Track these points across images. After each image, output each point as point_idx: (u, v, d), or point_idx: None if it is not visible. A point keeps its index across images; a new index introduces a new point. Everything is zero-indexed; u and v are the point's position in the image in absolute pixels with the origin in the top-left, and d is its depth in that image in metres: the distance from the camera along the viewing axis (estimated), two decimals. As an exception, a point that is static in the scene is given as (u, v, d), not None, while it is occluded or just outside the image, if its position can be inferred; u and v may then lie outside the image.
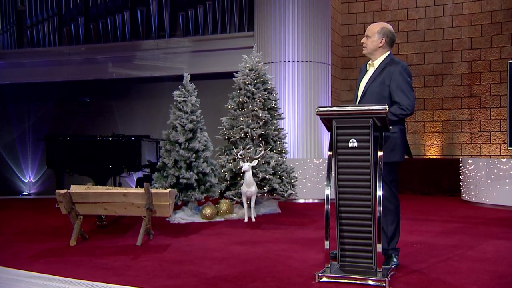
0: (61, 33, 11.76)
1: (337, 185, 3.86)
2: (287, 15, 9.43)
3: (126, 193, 5.17)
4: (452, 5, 11.35)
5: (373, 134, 3.75)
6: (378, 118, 3.75)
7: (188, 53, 10.71)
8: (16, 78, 11.96)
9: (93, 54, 11.36)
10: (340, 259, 3.87)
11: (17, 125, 12.28)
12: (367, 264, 3.78)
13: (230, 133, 7.42)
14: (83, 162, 6.89)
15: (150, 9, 10.94)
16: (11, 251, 5.00)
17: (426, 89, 11.59)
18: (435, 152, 11.47)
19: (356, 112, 3.77)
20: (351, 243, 3.84)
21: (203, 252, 4.82)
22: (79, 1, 11.47)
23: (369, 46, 4.31)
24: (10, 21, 12.21)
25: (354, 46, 12.08)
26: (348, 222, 3.85)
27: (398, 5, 11.78)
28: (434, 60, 11.54)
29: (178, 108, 6.76)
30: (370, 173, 3.78)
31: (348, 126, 3.81)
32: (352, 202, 3.84)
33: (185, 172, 6.56)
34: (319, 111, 3.86)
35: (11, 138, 12.34)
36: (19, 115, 12.30)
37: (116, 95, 11.67)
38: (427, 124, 11.59)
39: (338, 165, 3.86)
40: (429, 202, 8.84)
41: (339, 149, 3.85)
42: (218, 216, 6.84)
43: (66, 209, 5.19)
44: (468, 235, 5.61)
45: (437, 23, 11.50)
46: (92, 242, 5.39)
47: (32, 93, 12.08)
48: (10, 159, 12.34)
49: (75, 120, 11.62)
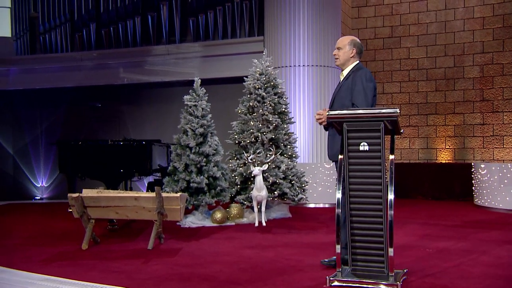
0: (73, 39, 11.86)
1: (348, 189, 3.85)
2: (297, 19, 9.44)
3: (137, 197, 5.19)
4: (464, 9, 11.29)
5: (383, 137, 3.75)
6: (389, 121, 3.74)
7: (199, 58, 10.75)
8: (28, 83, 12.07)
9: (104, 59, 11.43)
10: (351, 263, 3.85)
11: (30, 131, 12.38)
12: (378, 268, 3.76)
13: (240, 137, 7.42)
14: (94, 166, 6.93)
15: (161, 14, 11.00)
16: (24, 254, 5.03)
17: (437, 93, 11.52)
18: (447, 157, 11.39)
19: (367, 116, 3.76)
20: (363, 247, 3.82)
21: (214, 256, 4.82)
22: (91, 8, 11.57)
23: (341, 57, 4.45)
24: (23, 28, 12.34)
25: (365, 50, 11.95)
26: (359, 226, 3.83)
27: (408, 9, 11.74)
28: (445, 64, 11.47)
29: (189, 113, 6.78)
30: (381, 177, 3.76)
31: (359, 130, 3.79)
32: (363, 206, 3.82)
33: (196, 176, 6.57)
34: (330, 114, 3.85)
35: (23, 143, 12.44)
36: (32, 120, 12.40)
37: (127, 100, 11.72)
38: (439, 128, 11.52)
39: (349, 169, 3.85)
40: (441, 206, 8.77)
41: (350, 152, 3.83)
42: (229, 220, 6.84)
43: (78, 213, 5.22)
44: (481, 240, 5.55)
45: (448, 27, 11.44)
46: (104, 246, 5.41)
47: (44, 98, 12.18)
48: (23, 164, 12.44)
49: (87, 125, 11.69)
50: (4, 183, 12.34)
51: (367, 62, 12.04)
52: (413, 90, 11.72)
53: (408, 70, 11.77)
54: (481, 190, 8.42)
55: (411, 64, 11.74)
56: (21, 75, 12.17)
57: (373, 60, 12.01)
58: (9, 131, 12.55)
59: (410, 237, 5.74)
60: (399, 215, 7.56)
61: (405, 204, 9.12)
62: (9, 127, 12.55)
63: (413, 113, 11.72)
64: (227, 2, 10.59)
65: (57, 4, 11.98)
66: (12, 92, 12.28)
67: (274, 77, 7.61)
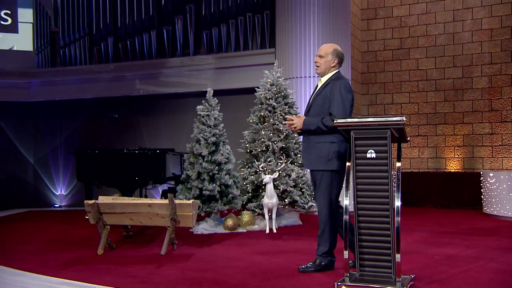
0: (91, 52, 11.98)
1: (356, 196, 3.84)
2: (307, 32, 9.45)
3: (151, 203, 5.21)
4: (472, 21, 11.24)
5: (390, 145, 3.73)
6: (396, 129, 3.73)
7: (212, 70, 10.79)
8: (49, 95, 12.19)
9: (121, 72, 11.52)
10: (359, 268, 3.84)
11: (50, 141, 12.48)
12: (386, 274, 3.74)
13: (252, 146, 7.44)
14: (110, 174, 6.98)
15: (176, 28, 11.07)
16: (41, 259, 5.08)
17: (446, 104, 11.45)
18: (456, 166, 11.29)
19: (374, 124, 3.75)
20: (370, 253, 3.81)
21: (225, 261, 4.82)
22: (108, 22, 11.69)
23: (323, 66, 4.42)
24: (44, 42, 12.50)
25: (374, 61, 12.04)
26: (367, 232, 3.81)
27: (417, 21, 11.71)
28: (454, 75, 11.40)
29: (202, 122, 6.82)
30: (388, 184, 3.75)
31: (366, 137, 3.79)
32: (370, 212, 3.80)
33: (208, 184, 6.59)
34: (337, 122, 3.85)
35: (44, 153, 12.55)
36: (52, 130, 12.51)
37: (143, 110, 11.79)
38: (448, 138, 11.43)
39: (356, 176, 3.84)
40: (450, 215, 8.68)
41: (357, 159, 3.83)
42: (240, 227, 6.84)
43: (94, 219, 5.26)
44: (489, 247, 5.48)
45: (456, 39, 11.39)
46: (119, 251, 5.44)
47: (64, 109, 12.29)
48: (43, 173, 12.55)
49: (105, 135, 11.76)
50: (25, 191, 12.44)
51: (376, 73, 12.02)
52: (422, 100, 11.66)
53: (417, 81, 11.72)
54: (490, 198, 8.33)
55: (420, 75, 11.70)
56: (42, 87, 12.31)
57: (383, 71, 11.98)
58: (30, 141, 12.67)
59: (418, 244, 5.68)
60: (408, 223, 7.51)
61: (414, 212, 9.05)
62: (30, 137, 12.67)
63: (422, 123, 11.65)
64: (239, 15, 10.64)
65: (76, 19, 12.12)
66: (33, 103, 12.43)
67: (284, 87, 7.64)
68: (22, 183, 12.51)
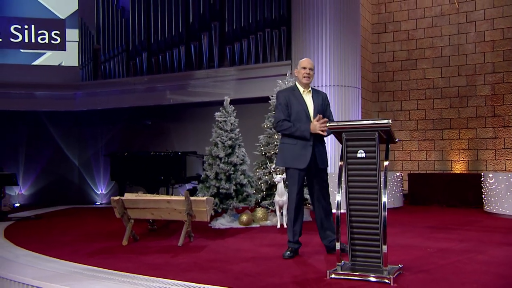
0: (128, 66, 12.24)
1: (348, 192, 3.84)
2: (319, 45, 9.45)
3: (169, 200, 5.30)
4: (475, 33, 11.03)
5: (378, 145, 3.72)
6: (383, 131, 3.72)
7: (234, 80, 10.88)
8: (91, 105, 12.50)
9: (154, 83, 11.73)
10: (351, 258, 3.82)
11: (92, 145, 12.79)
12: (375, 263, 3.71)
13: (266, 149, 7.46)
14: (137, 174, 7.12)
15: (202, 43, 11.22)
16: (74, 248, 5.22)
17: (451, 110, 11.26)
18: (461, 168, 11.06)
19: (363, 126, 3.75)
20: (361, 244, 3.79)
21: (235, 252, 4.86)
22: (143, 39, 11.93)
23: (311, 78, 4.63)
24: (88, 58, 12.83)
25: (384, 71, 11.93)
26: (357, 225, 3.80)
27: (424, 34, 11.57)
28: (458, 83, 11.21)
29: (219, 127, 6.89)
30: (376, 181, 3.73)
31: (356, 139, 3.79)
32: (361, 207, 3.79)
33: (225, 183, 6.65)
34: (330, 125, 3.86)
35: (87, 157, 12.86)
36: (94, 136, 12.82)
37: (173, 118, 11.97)
38: (453, 142, 11.22)
39: (348, 174, 3.84)
40: (452, 213, 8.50)
41: (349, 159, 3.83)
42: (254, 222, 6.86)
43: (119, 213, 5.37)
44: (482, 242, 5.36)
45: (461, 50, 11.20)
46: (142, 243, 5.54)
47: (104, 117, 12.59)
48: (86, 174, 12.85)
49: (140, 140, 11.98)
50: (71, 190, 12.77)
51: (386, 82, 11.91)
52: (429, 107, 11.49)
53: (424, 89, 11.56)
54: (490, 197, 8.13)
55: (426, 84, 11.53)
56: (86, 98, 12.64)
57: (392, 80, 11.86)
58: (76, 146, 13.01)
59: (416, 238, 5.60)
60: (411, 220, 7.42)
61: (419, 210, 8.91)
62: (76, 143, 13.01)
63: (429, 128, 11.47)
64: (259, 31, 10.71)
65: (115, 37, 12.41)
66: (78, 112, 12.77)
67: (296, 96, 7.63)
68: (69, 183, 12.85)
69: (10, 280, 4.04)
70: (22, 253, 5.03)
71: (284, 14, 10.54)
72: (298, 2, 9.74)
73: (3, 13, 12.71)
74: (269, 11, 10.68)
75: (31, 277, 3.88)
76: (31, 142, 12.68)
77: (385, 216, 3.62)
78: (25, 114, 12.50)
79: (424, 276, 3.70)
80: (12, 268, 4.27)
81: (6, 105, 12.26)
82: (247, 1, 10.86)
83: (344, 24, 9.54)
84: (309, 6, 9.54)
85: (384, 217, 3.62)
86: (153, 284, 3.57)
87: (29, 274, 3.99)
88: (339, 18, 9.50)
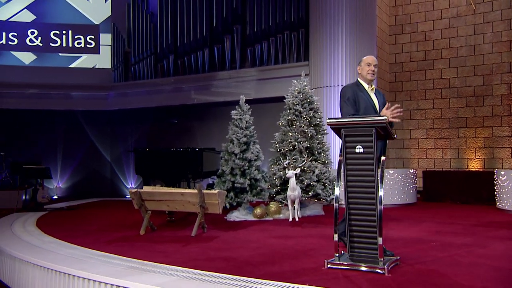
0: (156, 68, 12.43)
1: (346, 186, 3.80)
2: (336, 47, 9.38)
3: (183, 192, 5.37)
4: (492, 34, 10.72)
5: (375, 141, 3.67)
6: (380, 128, 3.67)
7: (255, 81, 10.90)
8: (122, 105, 12.76)
9: (179, 84, 11.87)
10: (349, 250, 3.79)
11: (123, 142, 13.05)
12: (372, 255, 3.67)
13: (280, 146, 7.46)
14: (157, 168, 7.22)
15: (225, 46, 11.29)
16: (95, 237, 5.35)
17: (467, 109, 10.97)
18: (477, 166, 10.77)
19: (361, 122, 3.71)
20: (359, 236, 3.76)
21: (243, 243, 4.88)
22: (169, 42, 12.08)
23: (376, 75, 4.38)
24: (119, 61, 13.09)
25: (401, 72, 11.73)
26: (356, 218, 3.77)
27: (440, 35, 11.31)
28: (475, 82, 10.91)
29: (235, 125, 6.93)
30: (374, 175, 3.69)
31: (354, 135, 3.75)
32: (359, 200, 3.76)
33: (240, 178, 6.68)
34: (329, 122, 3.83)
35: (118, 153, 13.12)
36: (124, 134, 13.07)
37: (197, 116, 12.08)
38: (469, 140, 10.94)
39: (346, 168, 3.80)
40: (464, 209, 8.29)
41: (348, 154, 3.79)
42: (268, 215, 6.87)
43: (137, 205, 5.48)
44: (486, 236, 5.22)
45: (477, 50, 10.90)
46: (158, 232, 5.63)
47: (134, 116, 12.82)
48: (118, 169, 13.12)
49: (166, 137, 12.15)
50: (103, 184, 13.07)
51: (403, 82, 11.70)
52: (445, 106, 11.23)
53: (441, 89, 11.30)
54: (502, 194, 7.90)
55: (443, 84, 11.28)
56: (117, 98, 12.91)
57: (409, 80, 11.64)
58: (108, 142, 13.30)
59: (421, 232, 5.50)
60: (421, 215, 7.28)
61: (432, 206, 8.72)
62: (108, 140, 13.30)
63: (445, 127, 11.21)
64: (278, 33, 10.70)
65: (144, 41, 12.62)
66: (110, 111, 13.05)
67: (310, 94, 7.61)
68: (101, 177, 13.15)
69: (34, 264, 4.19)
70: (48, 240, 5.19)
71: (302, 17, 10.50)
72: (316, 5, 9.68)
73: (44, 20, 13.09)
74: (288, 14, 10.66)
75: (49, 261, 4.01)
76: (68, 139, 13.03)
77: (381, 209, 3.58)
78: (62, 113, 12.87)
79: (420, 267, 3.65)
80: (36, 253, 4.42)
81: (46, 104, 12.65)
82: (268, 5, 10.86)
83: (360, 27, 9.44)
84: (326, 9, 9.47)
85: (380, 211, 3.58)
86: (159, 270, 3.63)
87: (49, 258, 4.12)
88: (355, 21, 9.40)
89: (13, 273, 4.55)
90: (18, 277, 4.44)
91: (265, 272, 3.55)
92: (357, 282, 3.26)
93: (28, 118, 12.69)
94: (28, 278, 4.24)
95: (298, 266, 3.75)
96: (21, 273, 4.38)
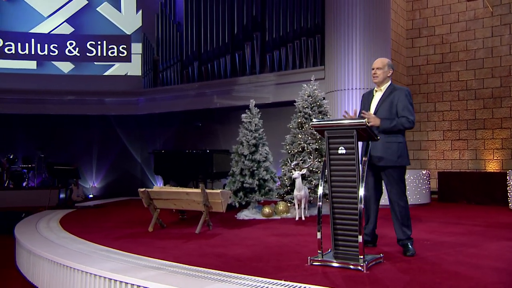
0: (182, 74, 12.65)
1: (330, 185, 3.78)
2: (351, 51, 9.27)
3: (188, 192, 5.46)
4: (510, 36, 10.31)
5: (357, 143, 3.63)
6: (361, 130, 3.63)
7: (273, 85, 10.91)
8: (151, 109, 13.07)
9: (203, 89, 12.03)
10: (334, 247, 3.77)
11: (151, 144, 13.34)
12: (355, 252, 3.63)
13: (290, 148, 7.44)
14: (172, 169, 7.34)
15: (245, 52, 11.36)
16: (107, 233, 5.50)
17: (485, 111, 10.59)
18: (495, 167, 10.37)
19: (342, 125, 3.69)
20: (342, 234, 3.73)
21: (241, 240, 4.91)
22: (194, 50, 12.28)
23: (381, 76, 4.34)
24: (148, 68, 13.42)
25: (418, 75, 11.45)
26: (339, 216, 3.75)
27: (457, 38, 10.97)
28: (492, 84, 10.53)
29: (245, 127, 6.97)
30: (356, 175, 3.65)
31: (337, 136, 3.73)
32: (342, 200, 3.73)
33: (249, 178, 6.71)
34: (313, 124, 3.82)
35: (147, 155, 13.43)
36: (153, 137, 13.38)
37: (220, 120, 12.20)
38: (487, 141, 10.55)
39: (330, 169, 3.78)
40: (477, 210, 8.00)
41: (331, 155, 3.77)
42: (276, 214, 6.86)
43: (146, 203, 5.61)
44: (486, 237, 5.02)
45: (495, 52, 10.51)
46: (167, 230, 5.73)
47: (161, 120, 13.10)
48: (147, 170, 13.43)
49: (191, 140, 12.33)
50: (134, 183, 13.29)
51: (420, 84, 11.42)
52: (463, 108, 10.88)
53: (458, 91, 10.96)
54: (514, 196, 7.59)
55: (460, 86, 10.93)
56: (147, 103, 13.22)
57: (426, 83, 11.35)
58: (138, 144, 13.64)
59: (421, 232, 5.35)
60: (429, 215, 7.08)
61: (444, 207, 8.47)
62: (138, 142, 13.63)
63: (462, 128, 10.86)
64: (296, 39, 10.68)
65: (171, 49, 12.88)
66: (140, 116, 13.38)
67: (319, 98, 7.56)
68: (132, 177, 13.48)
69: (45, 258, 4.36)
70: (64, 235, 5.38)
71: (318, 23, 10.44)
72: (331, 12, 9.61)
73: (82, 31, 13.58)
74: (305, 20, 10.62)
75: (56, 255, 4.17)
76: (102, 141, 13.45)
77: (361, 208, 3.54)
78: (97, 118, 13.29)
79: (401, 265, 3.58)
80: (47, 247, 4.60)
81: (82, 110, 13.12)
82: (286, 12, 10.86)
83: (374, 32, 9.29)
84: (341, 15, 9.38)
85: (360, 210, 3.54)
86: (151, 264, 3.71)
87: (57, 252, 4.29)
88: (369, 27, 9.26)
89: (29, 266, 4.75)
90: (32, 270, 4.64)
91: (249, 268, 3.57)
92: (333, 278, 3.23)
93: (66, 122, 13.19)
94: (40, 271, 4.42)
95: (283, 263, 3.74)
96: (34, 266, 4.57)
